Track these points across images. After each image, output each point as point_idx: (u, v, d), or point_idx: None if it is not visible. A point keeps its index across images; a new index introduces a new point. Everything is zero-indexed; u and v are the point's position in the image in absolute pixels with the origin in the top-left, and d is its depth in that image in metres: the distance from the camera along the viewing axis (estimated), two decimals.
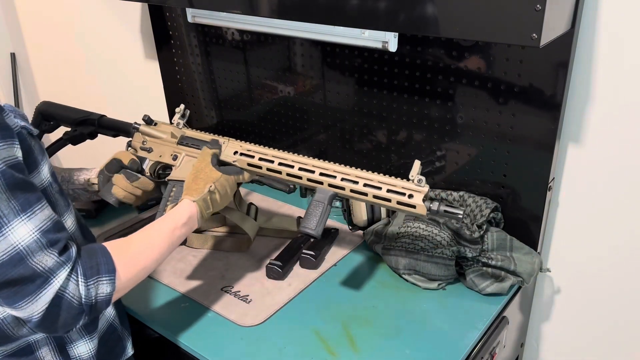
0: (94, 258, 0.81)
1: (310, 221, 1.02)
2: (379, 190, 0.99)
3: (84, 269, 0.79)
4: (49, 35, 2.31)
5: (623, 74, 1.07)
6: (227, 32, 1.57)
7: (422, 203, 0.96)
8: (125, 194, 1.14)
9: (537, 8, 0.82)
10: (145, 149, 1.18)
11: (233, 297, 1.14)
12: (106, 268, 0.81)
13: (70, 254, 0.78)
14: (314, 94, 1.48)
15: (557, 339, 1.41)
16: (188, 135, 1.17)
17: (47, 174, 0.86)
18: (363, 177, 1.01)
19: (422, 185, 0.97)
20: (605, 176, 1.17)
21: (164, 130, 1.18)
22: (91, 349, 0.95)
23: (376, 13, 0.98)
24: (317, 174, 1.04)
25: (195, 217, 0.98)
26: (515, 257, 1.16)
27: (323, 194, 1.03)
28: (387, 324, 1.06)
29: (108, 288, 0.81)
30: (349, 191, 1.02)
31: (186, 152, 1.15)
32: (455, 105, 1.24)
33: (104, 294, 0.80)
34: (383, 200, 0.99)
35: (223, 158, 1.11)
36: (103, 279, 0.80)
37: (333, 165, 1.04)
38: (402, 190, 0.98)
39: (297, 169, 1.05)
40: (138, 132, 1.20)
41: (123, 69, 2.05)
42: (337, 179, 1.02)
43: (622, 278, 1.23)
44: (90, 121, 1.28)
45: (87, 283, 0.79)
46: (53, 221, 0.78)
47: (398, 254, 1.17)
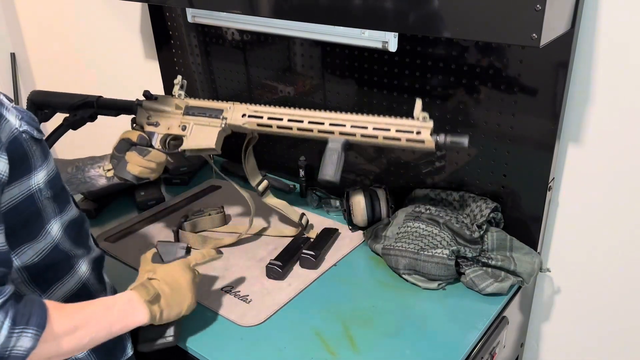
0: (30, 307, 0.75)
1: (328, 168, 1.05)
2: (388, 131, 1.03)
3: (15, 313, 0.72)
4: (49, 35, 2.31)
5: (623, 74, 1.07)
6: (227, 32, 1.57)
7: (430, 137, 1.01)
8: (141, 169, 1.14)
9: (537, 8, 0.82)
10: (152, 124, 1.19)
11: (233, 297, 1.14)
12: (37, 321, 0.74)
13: (3, 290, 0.72)
14: (314, 94, 1.48)
15: (557, 339, 1.41)
16: (192, 105, 1.18)
17: (40, 179, 0.83)
18: (371, 121, 1.05)
19: (427, 121, 1.01)
20: (605, 176, 1.17)
21: (167, 102, 1.18)
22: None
23: (376, 13, 0.98)
24: (327, 124, 1.07)
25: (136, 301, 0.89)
26: (515, 257, 1.16)
27: (336, 142, 1.06)
28: (387, 324, 1.06)
29: (29, 343, 0.73)
30: (360, 136, 1.05)
31: (194, 121, 1.16)
32: (455, 105, 1.24)
33: (21, 349, 0.73)
34: (393, 140, 1.03)
35: (232, 122, 1.12)
36: (29, 330, 0.73)
37: (341, 114, 1.07)
38: (410, 128, 1.02)
39: (307, 123, 1.07)
40: (141, 107, 1.20)
41: (123, 69, 2.05)
42: (347, 127, 1.05)
43: (622, 278, 1.23)
44: (89, 103, 1.26)
45: (12, 329, 0.71)
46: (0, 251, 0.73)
47: (398, 254, 1.17)
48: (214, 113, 1.15)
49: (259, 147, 1.64)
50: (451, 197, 1.29)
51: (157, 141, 1.18)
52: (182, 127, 1.17)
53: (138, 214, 1.47)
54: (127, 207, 1.50)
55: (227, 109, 1.14)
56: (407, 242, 1.18)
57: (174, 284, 0.95)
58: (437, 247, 1.15)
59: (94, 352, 0.96)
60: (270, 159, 1.63)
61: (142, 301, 0.90)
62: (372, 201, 1.31)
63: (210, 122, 1.15)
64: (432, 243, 1.16)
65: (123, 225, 1.41)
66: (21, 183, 0.80)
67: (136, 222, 1.42)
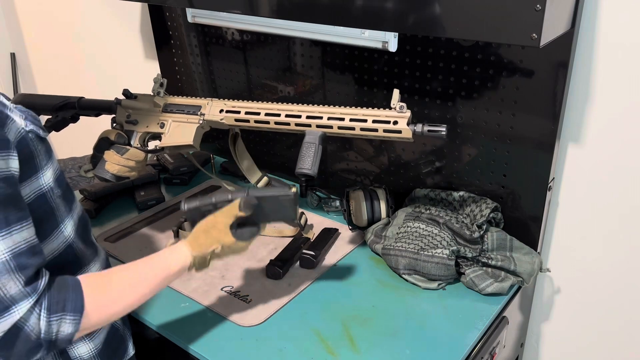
0: (63, 293, 0.77)
1: (305, 162, 1.05)
2: (365, 122, 1.03)
3: (49, 302, 0.75)
4: (49, 35, 2.31)
5: (623, 74, 1.07)
6: (227, 32, 1.57)
7: (407, 127, 1.01)
8: (119, 168, 1.15)
9: (537, 8, 0.82)
10: (131, 122, 1.19)
11: (233, 297, 1.14)
12: (72, 306, 0.77)
13: (37, 285, 0.75)
14: (314, 94, 1.48)
15: (557, 339, 1.41)
16: (171, 102, 1.18)
17: (49, 179, 0.84)
18: (348, 113, 1.05)
19: (403, 111, 1.01)
20: (605, 176, 1.17)
21: (146, 101, 1.19)
22: (92, 349, 0.95)
23: (376, 13, 0.98)
24: (304, 117, 1.07)
25: (185, 270, 0.90)
26: (515, 257, 1.16)
27: (313, 135, 1.07)
28: (387, 324, 1.06)
29: (70, 328, 0.76)
30: (337, 128, 1.05)
31: (172, 118, 1.17)
32: (455, 105, 1.24)
33: (64, 333, 0.76)
34: (370, 132, 1.03)
35: (209, 118, 1.12)
36: (67, 317, 0.76)
37: (318, 107, 1.07)
38: (387, 118, 1.02)
39: (284, 116, 1.08)
40: (120, 106, 1.20)
41: (123, 68, 2.05)
42: (324, 119, 1.06)
43: (622, 278, 1.23)
44: (70, 104, 1.27)
45: (49, 318, 0.75)
46: (29, 245, 0.75)
47: (398, 254, 1.17)
48: (192, 110, 1.16)
49: (258, 147, 1.64)
50: (451, 197, 1.29)
51: (136, 139, 1.18)
52: (161, 125, 1.17)
53: (138, 214, 1.47)
54: (127, 207, 1.51)
55: (204, 105, 1.15)
56: (407, 242, 1.18)
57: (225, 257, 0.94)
58: (437, 247, 1.15)
59: (99, 353, 0.96)
60: (270, 159, 1.63)
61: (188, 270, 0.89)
62: (372, 201, 1.31)
63: (189, 118, 1.16)
64: (432, 243, 1.16)
65: (123, 225, 1.41)
66: (31, 182, 0.81)
67: (136, 222, 1.42)
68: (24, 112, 0.82)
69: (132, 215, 1.47)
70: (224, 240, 0.92)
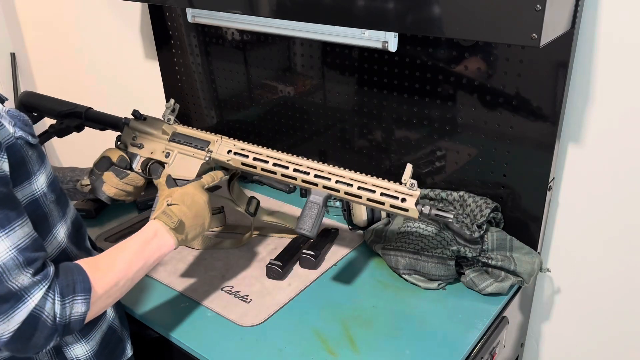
0: (70, 276, 0.80)
1: (306, 222, 1.04)
2: (373, 193, 1.01)
3: (60, 287, 0.78)
4: (49, 35, 2.31)
5: (623, 74, 1.07)
6: (227, 32, 1.57)
7: (415, 207, 0.98)
8: (116, 191, 1.14)
9: (537, 8, 0.82)
10: (136, 145, 1.16)
11: (233, 297, 1.14)
12: (82, 286, 0.80)
13: (47, 272, 0.77)
14: (314, 94, 1.48)
15: (557, 339, 1.41)
16: (180, 132, 1.15)
17: (41, 184, 0.84)
18: (357, 179, 1.03)
19: (414, 189, 0.99)
20: (605, 176, 1.17)
21: (155, 125, 1.16)
22: (88, 351, 0.95)
23: (376, 13, 0.98)
24: (312, 175, 1.05)
25: (163, 231, 0.94)
26: (515, 257, 1.16)
27: (318, 195, 1.05)
28: (387, 324, 1.06)
29: (83, 307, 0.80)
30: (344, 193, 1.03)
31: (178, 149, 1.14)
32: (455, 105, 1.24)
33: (78, 314, 0.79)
34: (376, 203, 1.01)
35: (216, 157, 1.11)
36: (78, 297, 0.79)
37: (328, 167, 1.05)
38: (395, 194, 1.00)
39: (291, 170, 1.06)
40: (128, 127, 1.18)
41: (123, 69, 2.05)
42: (332, 181, 1.04)
43: (621, 278, 1.23)
44: (77, 114, 1.25)
45: (63, 302, 0.77)
46: (32, 239, 0.77)
47: (398, 254, 1.17)
48: (200, 144, 1.13)
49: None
50: (451, 197, 1.29)
51: (138, 164, 1.16)
52: (166, 154, 1.14)
53: (138, 214, 1.47)
54: (127, 207, 1.51)
55: (214, 142, 1.12)
56: (407, 242, 1.18)
57: (193, 205, 1.00)
58: (437, 247, 1.15)
59: (95, 354, 0.96)
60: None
61: (167, 229, 0.95)
62: None
63: (195, 153, 1.12)
64: (432, 243, 1.16)
65: (123, 225, 1.41)
66: (23, 188, 0.81)
67: (136, 222, 1.42)
68: (15, 117, 0.81)
69: (132, 215, 1.47)
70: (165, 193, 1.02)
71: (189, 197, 1.01)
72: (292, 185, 1.56)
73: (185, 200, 1.00)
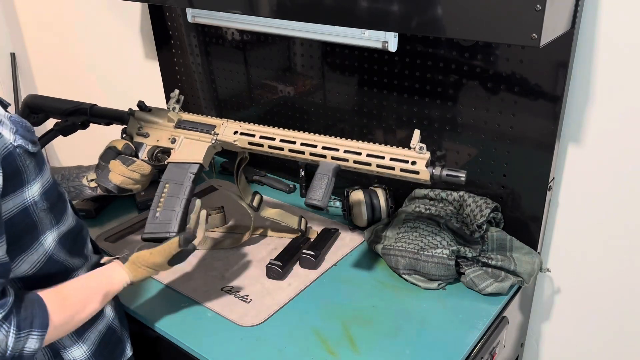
0: (30, 309, 0.78)
1: (316, 193, 1.03)
2: (382, 159, 1.01)
3: (18, 319, 0.76)
4: (49, 35, 2.31)
5: (623, 74, 1.07)
6: (227, 32, 1.57)
7: (425, 169, 0.98)
8: (123, 179, 1.12)
9: (537, 8, 0.82)
10: (142, 134, 1.17)
11: (233, 297, 1.14)
12: (40, 322, 0.78)
13: (6, 301, 0.75)
14: (314, 94, 1.48)
15: (557, 339, 1.41)
16: (185, 119, 1.16)
17: (34, 193, 0.82)
18: (365, 147, 1.03)
19: (423, 152, 0.99)
20: (605, 176, 1.17)
21: (160, 115, 1.17)
22: (86, 351, 0.94)
23: (376, 13, 0.98)
24: (320, 147, 1.05)
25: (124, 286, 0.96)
26: (515, 257, 1.16)
27: (327, 166, 1.04)
28: (387, 324, 1.06)
29: (36, 344, 0.78)
30: (353, 162, 1.03)
31: (184, 134, 1.14)
32: (455, 105, 1.24)
33: (30, 349, 0.77)
34: (387, 169, 1.01)
35: (222, 139, 1.11)
36: (34, 333, 0.78)
37: (335, 139, 1.05)
38: (405, 157, 1.00)
39: (299, 145, 1.06)
40: (133, 118, 1.18)
41: (123, 69, 2.05)
42: (340, 152, 1.04)
43: (621, 278, 1.23)
44: (82, 110, 1.25)
45: (18, 334, 0.75)
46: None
47: (398, 254, 1.17)
48: (205, 128, 1.13)
49: None
50: (451, 197, 1.29)
51: (144, 152, 1.16)
52: (172, 140, 1.14)
53: (138, 214, 1.47)
54: (127, 207, 1.51)
55: (219, 125, 1.13)
56: (407, 242, 1.18)
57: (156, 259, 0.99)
58: (437, 247, 1.15)
59: (94, 355, 0.96)
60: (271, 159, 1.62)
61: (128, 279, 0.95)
62: (372, 201, 1.31)
63: (201, 136, 1.13)
64: (432, 243, 1.16)
65: (123, 225, 1.41)
66: (15, 197, 0.79)
67: (136, 222, 1.42)
68: (17, 123, 0.80)
69: (132, 215, 1.47)
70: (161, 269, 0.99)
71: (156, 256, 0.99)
72: (292, 185, 1.56)
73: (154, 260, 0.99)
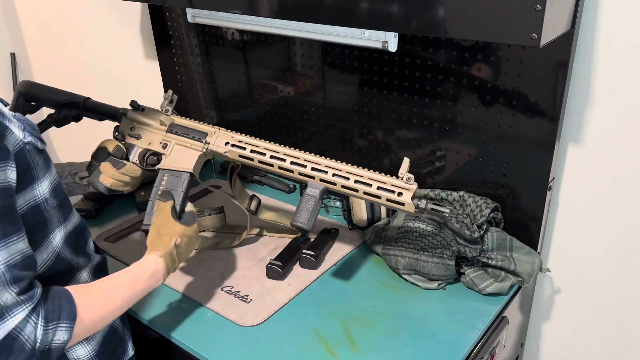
0: (57, 302, 0.78)
1: (302, 215, 1.04)
2: (369, 187, 1.01)
3: (45, 311, 0.76)
4: (49, 35, 2.31)
5: (623, 73, 1.07)
6: (227, 32, 1.57)
7: (410, 201, 0.98)
8: (113, 182, 1.12)
9: (537, 8, 0.82)
10: (134, 136, 1.16)
11: (233, 297, 1.14)
12: (67, 314, 0.78)
13: (33, 293, 0.75)
14: (314, 94, 1.48)
15: (557, 339, 1.41)
16: (177, 124, 1.15)
17: (44, 190, 0.83)
18: (354, 173, 1.03)
19: (410, 183, 0.99)
20: (605, 176, 1.17)
21: (153, 116, 1.16)
22: (90, 351, 0.95)
23: (376, 13, 0.98)
24: (309, 168, 1.05)
25: (160, 273, 0.95)
26: (515, 257, 1.16)
27: (315, 188, 1.05)
28: (387, 324, 1.06)
29: (65, 336, 0.78)
30: (340, 187, 1.04)
31: (176, 140, 1.13)
32: (455, 105, 1.24)
33: (59, 342, 0.77)
34: (373, 197, 1.02)
35: (214, 149, 1.10)
36: (62, 325, 0.77)
37: (325, 160, 1.05)
38: (392, 188, 1.00)
39: (288, 163, 1.06)
40: (126, 117, 1.17)
41: (123, 69, 2.05)
42: (329, 175, 1.04)
43: (621, 278, 1.23)
44: (75, 104, 1.24)
45: (46, 327, 0.75)
46: (24, 256, 0.75)
47: (398, 254, 1.17)
48: (197, 136, 1.12)
49: None
50: (451, 197, 1.29)
51: (135, 155, 1.15)
52: (163, 145, 1.14)
53: (138, 214, 1.47)
54: (127, 207, 1.51)
55: (211, 134, 1.12)
56: (407, 242, 1.18)
57: (190, 246, 1.02)
58: (437, 247, 1.15)
59: (97, 354, 0.96)
60: None
61: (165, 273, 0.95)
62: None
63: (193, 144, 1.12)
64: (432, 243, 1.16)
65: (123, 225, 1.41)
66: (25, 194, 0.80)
67: (136, 222, 1.42)
68: (23, 121, 0.81)
69: (132, 215, 1.47)
70: (177, 230, 0.99)
71: (191, 239, 1.02)
72: (292, 185, 1.56)
73: (189, 246, 1.02)
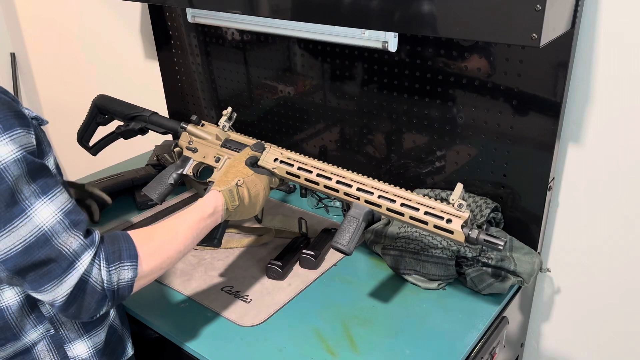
0: (117, 244, 0.82)
1: (343, 237, 0.99)
2: (416, 211, 0.95)
3: (106, 254, 0.80)
4: (49, 35, 2.31)
5: (623, 73, 1.07)
6: (227, 32, 1.57)
7: (460, 229, 0.91)
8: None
9: (537, 8, 0.82)
10: (191, 149, 1.22)
11: (233, 297, 1.14)
12: (128, 254, 0.82)
13: (93, 237, 0.80)
14: (314, 94, 1.48)
15: (557, 339, 1.41)
16: (232, 139, 1.19)
17: (52, 165, 0.86)
18: (401, 195, 0.98)
19: (462, 210, 0.92)
20: (605, 176, 1.17)
21: (210, 131, 1.21)
22: (90, 348, 0.95)
23: (376, 13, 0.98)
24: (355, 188, 1.01)
25: (220, 208, 0.97)
26: (515, 257, 1.16)
27: (359, 209, 1.01)
28: (387, 324, 1.06)
29: (130, 273, 0.81)
30: (385, 209, 0.98)
31: (228, 154, 1.17)
32: (456, 105, 1.24)
33: (125, 280, 0.81)
34: (419, 222, 0.95)
35: (262, 164, 1.10)
36: (125, 264, 0.81)
37: (371, 180, 1.01)
38: (441, 213, 0.94)
39: (334, 182, 1.03)
40: (185, 132, 1.24)
41: (123, 69, 2.05)
42: (374, 196, 0.99)
43: (622, 278, 1.23)
44: (142, 117, 1.31)
45: (109, 268, 0.79)
46: (73, 203, 0.80)
47: (398, 254, 1.17)
48: None
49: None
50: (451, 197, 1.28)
51: (190, 167, 1.21)
52: (216, 159, 1.18)
53: (138, 214, 1.47)
54: (127, 207, 1.51)
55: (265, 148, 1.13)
56: (407, 242, 1.18)
57: (255, 196, 1.04)
58: (437, 247, 1.15)
59: (96, 352, 0.96)
60: None
61: (224, 209, 0.97)
62: None
63: None
64: (432, 243, 1.16)
65: (123, 225, 1.41)
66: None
67: (136, 222, 1.42)
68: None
69: (132, 215, 1.47)
70: (244, 172, 1.03)
71: (255, 189, 1.04)
72: (292, 185, 1.56)
73: (252, 189, 1.03)
